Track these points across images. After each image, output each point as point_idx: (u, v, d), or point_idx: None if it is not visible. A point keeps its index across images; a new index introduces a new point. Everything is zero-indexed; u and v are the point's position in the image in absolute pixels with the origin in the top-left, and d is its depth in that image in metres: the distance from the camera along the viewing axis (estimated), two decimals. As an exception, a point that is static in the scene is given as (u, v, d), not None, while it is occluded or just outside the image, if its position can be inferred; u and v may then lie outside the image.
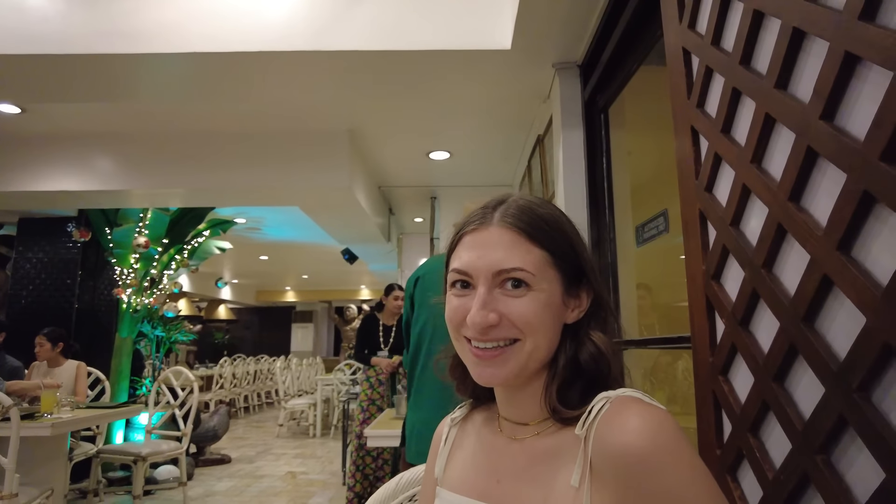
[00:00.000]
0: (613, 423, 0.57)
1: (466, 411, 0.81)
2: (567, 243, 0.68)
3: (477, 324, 0.63)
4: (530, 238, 0.65)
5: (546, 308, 0.64)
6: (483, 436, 0.75)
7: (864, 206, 0.70)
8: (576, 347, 0.67)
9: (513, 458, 0.68)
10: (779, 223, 0.87)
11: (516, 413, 0.70)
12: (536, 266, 0.64)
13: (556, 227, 0.67)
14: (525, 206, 0.68)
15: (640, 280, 2.27)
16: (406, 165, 4.63)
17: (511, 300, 0.64)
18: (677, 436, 0.55)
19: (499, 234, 0.65)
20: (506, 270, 0.64)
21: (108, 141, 3.88)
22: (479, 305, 0.64)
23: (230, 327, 15.61)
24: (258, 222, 7.21)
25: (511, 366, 0.65)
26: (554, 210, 0.71)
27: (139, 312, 5.17)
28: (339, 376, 7.33)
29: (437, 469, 0.78)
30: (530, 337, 0.64)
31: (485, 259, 0.65)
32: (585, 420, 0.60)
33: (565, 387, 0.66)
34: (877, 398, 0.69)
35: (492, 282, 0.65)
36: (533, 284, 0.64)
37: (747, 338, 0.96)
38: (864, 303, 0.69)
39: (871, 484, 0.69)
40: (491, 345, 0.65)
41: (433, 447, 0.83)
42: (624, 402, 0.59)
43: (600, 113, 2.45)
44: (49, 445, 3.22)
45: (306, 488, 4.66)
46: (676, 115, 1.28)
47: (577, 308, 0.68)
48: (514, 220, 0.66)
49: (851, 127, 0.74)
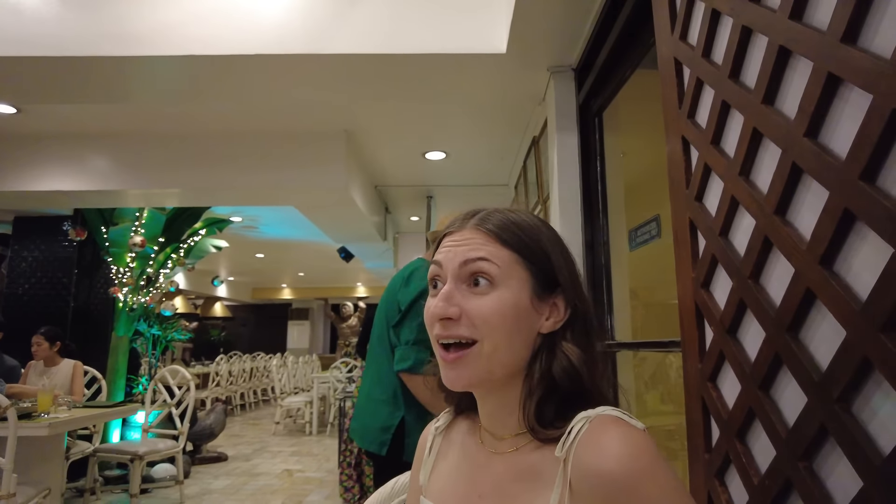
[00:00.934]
0: (592, 446, 0.57)
1: (450, 418, 0.82)
2: (540, 248, 0.68)
3: (434, 314, 0.65)
4: (500, 239, 0.66)
5: (510, 309, 0.64)
6: (466, 447, 0.75)
7: (844, 222, 0.72)
8: (550, 359, 0.66)
9: (494, 473, 0.68)
10: (765, 235, 0.89)
11: (495, 425, 0.70)
12: (503, 261, 0.65)
13: (529, 233, 0.68)
14: (501, 213, 0.70)
15: (633, 283, 2.30)
16: (402, 166, 4.64)
17: (474, 297, 0.65)
18: (656, 459, 0.56)
19: (467, 234, 0.68)
20: (471, 260, 0.65)
21: (104, 141, 3.88)
22: (441, 297, 0.65)
23: (226, 325, 15.62)
24: (254, 221, 7.21)
25: (473, 369, 0.64)
26: (533, 220, 0.71)
27: (135, 311, 5.18)
28: (335, 374, 7.35)
29: (422, 478, 0.79)
30: (488, 338, 0.64)
31: (454, 252, 0.67)
32: (565, 441, 0.60)
33: (543, 401, 0.65)
34: (856, 409, 0.71)
35: (458, 274, 0.66)
36: (498, 281, 0.64)
37: (735, 346, 0.99)
38: (845, 317, 0.71)
39: (850, 491, 0.72)
40: (452, 341, 0.65)
41: (418, 454, 0.84)
42: (603, 423, 0.59)
43: (595, 116, 2.47)
44: (46, 445, 3.23)
45: (303, 486, 4.69)
46: (668, 125, 1.30)
47: (554, 317, 0.68)
48: (485, 223, 0.68)
49: (834, 145, 0.76)
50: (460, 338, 0.64)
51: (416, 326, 1.96)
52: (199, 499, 4.31)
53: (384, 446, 1.96)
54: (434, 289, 0.69)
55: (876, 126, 0.66)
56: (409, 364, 1.93)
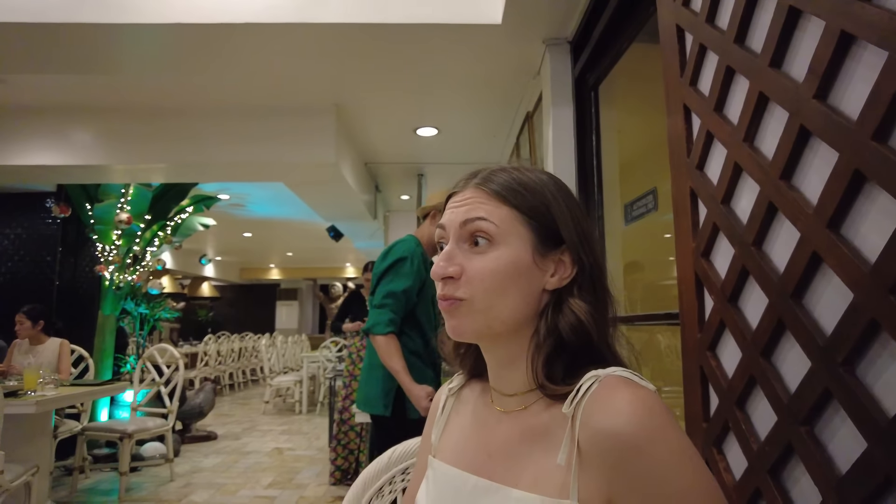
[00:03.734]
0: (601, 406, 0.57)
1: (464, 381, 0.81)
2: (542, 204, 0.67)
3: (435, 273, 0.65)
4: (499, 197, 0.66)
5: (508, 266, 0.64)
6: (477, 408, 0.75)
7: (854, 184, 0.71)
8: (557, 315, 0.65)
9: (503, 432, 0.67)
10: (770, 201, 0.88)
11: (504, 383, 0.70)
12: (502, 220, 0.65)
13: (531, 189, 0.67)
14: (505, 172, 0.69)
15: (627, 258, 2.29)
16: (393, 142, 4.59)
17: (474, 256, 0.65)
18: (666, 420, 0.55)
19: (469, 193, 0.68)
20: (470, 220, 0.65)
21: (88, 114, 3.79)
22: (442, 257, 0.66)
23: (214, 305, 15.53)
24: (242, 199, 7.13)
25: (469, 321, 0.65)
26: (539, 176, 0.70)
27: (122, 289, 5.11)
28: (324, 353, 7.35)
29: (434, 438, 0.79)
30: (481, 296, 0.64)
31: (455, 213, 0.67)
32: (573, 399, 0.59)
33: (551, 358, 0.65)
34: (861, 372, 0.71)
35: (459, 234, 0.66)
36: (497, 239, 0.64)
37: (736, 314, 0.98)
38: (852, 279, 0.71)
39: (852, 454, 0.72)
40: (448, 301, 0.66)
41: (430, 415, 0.84)
42: (613, 382, 0.58)
43: (590, 90, 2.44)
44: (33, 423, 3.20)
45: (293, 464, 4.70)
46: (669, 93, 1.28)
47: (559, 273, 0.67)
48: (486, 183, 0.68)
49: (845, 106, 0.74)
50: (454, 298, 0.65)
51: (383, 292, 2.10)
52: (190, 477, 4.31)
53: (388, 408, 2.10)
54: (440, 251, 0.69)
55: (890, 84, 0.65)
56: (368, 325, 2.09)
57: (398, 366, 2.02)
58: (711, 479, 0.55)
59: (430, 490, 0.73)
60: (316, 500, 3.71)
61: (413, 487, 0.83)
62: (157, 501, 3.69)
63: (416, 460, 0.87)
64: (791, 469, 0.84)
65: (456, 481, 0.68)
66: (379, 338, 2.06)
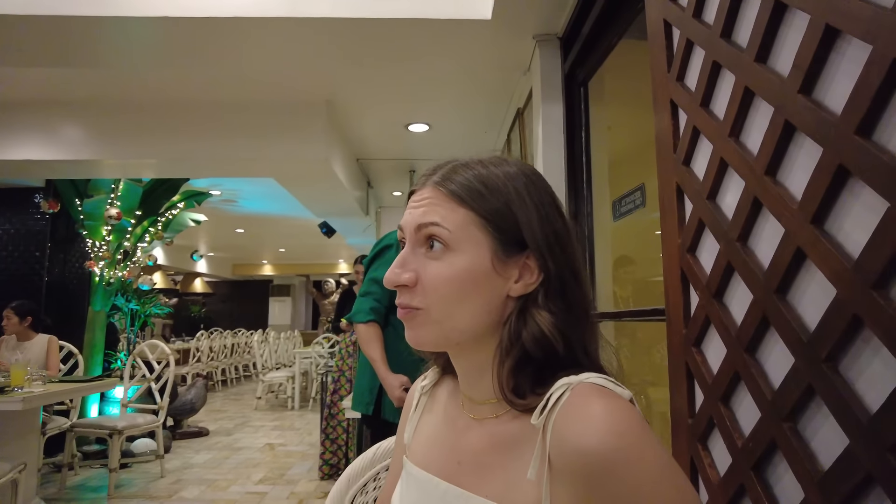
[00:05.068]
0: (573, 419, 0.53)
1: (436, 378, 0.79)
2: (504, 205, 0.61)
3: (389, 280, 0.62)
4: (455, 197, 0.62)
5: (463, 274, 0.60)
6: (448, 410, 0.72)
7: (838, 179, 0.71)
8: (520, 325, 0.61)
9: (474, 440, 0.65)
10: (755, 196, 0.88)
11: (473, 391, 0.67)
12: (456, 225, 0.61)
13: (493, 189, 0.62)
14: (467, 168, 0.64)
15: (616, 254, 2.29)
16: (385, 138, 4.57)
17: (429, 262, 0.62)
18: (641, 436, 0.51)
19: (426, 193, 0.64)
20: (424, 225, 0.62)
21: (77, 109, 3.74)
22: (396, 263, 0.63)
23: (206, 301, 15.47)
24: (234, 194, 7.09)
25: (426, 331, 0.62)
26: (507, 170, 0.64)
27: (112, 285, 5.08)
28: (317, 349, 7.33)
29: (407, 436, 0.77)
30: (436, 306, 0.60)
31: (412, 215, 0.64)
32: (543, 409, 0.56)
33: (516, 370, 0.60)
34: (843, 368, 0.71)
35: (415, 239, 0.63)
36: (452, 245, 0.60)
37: (721, 310, 0.98)
38: (836, 275, 0.70)
39: (834, 450, 0.72)
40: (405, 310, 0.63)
41: (404, 412, 0.82)
42: (586, 392, 0.54)
43: (580, 86, 2.44)
44: (21, 420, 3.17)
45: (285, 459, 4.69)
46: (656, 89, 1.27)
47: (525, 280, 0.62)
48: (443, 181, 0.63)
49: (829, 101, 0.74)
50: (410, 307, 0.62)
51: (368, 280, 2.15)
52: (181, 473, 4.29)
53: (370, 406, 2.09)
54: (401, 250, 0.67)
55: (875, 78, 0.65)
56: (351, 313, 2.12)
57: (376, 354, 2.00)
58: (691, 494, 0.51)
59: (404, 492, 0.71)
60: (307, 496, 3.70)
61: (388, 486, 0.81)
62: (147, 498, 3.67)
63: (392, 458, 0.86)
64: (775, 465, 0.84)
65: (427, 485, 0.66)
66: (359, 326, 2.05)
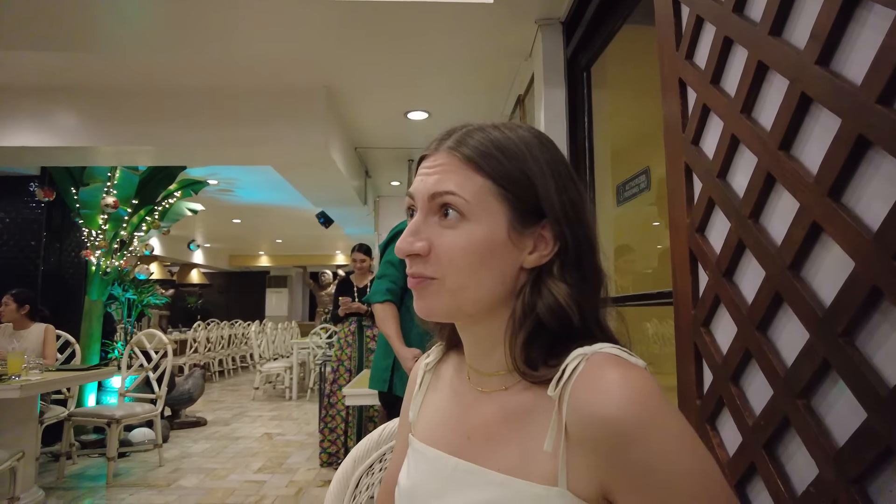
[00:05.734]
0: (590, 388, 0.52)
1: (440, 354, 0.77)
2: (522, 173, 0.60)
3: (401, 249, 0.60)
4: (472, 164, 0.59)
5: (479, 245, 0.58)
6: (454, 385, 0.71)
7: (857, 150, 0.69)
8: (535, 296, 0.60)
9: (483, 413, 0.63)
10: (768, 172, 0.87)
11: (479, 361, 0.65)
12: (473, 193, 0.58)
13: (510, 154, 0.60)
14: (482, 132, 0.62)
15: (618, 240, 2.28)
16: (383, 126, 4.54)
17: (443, 231, 0.59)
18: (660, 402, 0.51)
19: (443, 159, 0.61)
20: (438, 194, 0.59)
21: (72, 94, 3.69)
22: (408, 232, 0.60)
23: (203, 292, 15.43)
24: (230, 183, 7.05)
25: (438, 301, 0.60)
26: (522, 135, 0.62)
27: (109, 275, 5.05)
28: (315, 340, 7.33)
29: (412, 414, 0.75)
30: (451, 276, 0.59)
31: (424, 182, 0.61)
32: (559, 380, 0.55)
33: (530, 341, 0.59)
34: (861, 342, 0.70)
35: (428, 207, 0.61)
36: (468, 214, 0.58)
37: (731, 289, 0.97)
38: (854, 248, 0.69)
39: (849, 425, 0.71)
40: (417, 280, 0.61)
41: (408, 390, 0.80)
42: (602, 361, 0.54)
43: (583, 71, 2.42)
44: (18, 408, 3.16)
45: (283, 449, 4.69)
46: (664, 68, 1.26)
47: (539, 251, 0.60)
48: (458, 145, 0.61)
49: (848, 71, 0.72)
50: (423, 276, 0.60)
51: (382, 263, 2.28)
52: (179, 462, 4.29)
53: (385, 383, 2.25)
54: (410, 219, 0.64)
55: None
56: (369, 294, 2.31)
57: (391, 331, 2.15)
58: (710, 460, 0.51)
59: (411, 470, 0.69)
60: (306, 484, 3.70)
61: (394, 465, 0.80)
62: (146, 486, 3.67)
63: (396, 437, 0.84)
64: (787, 443, 0.83)
65: (436, 462, 0.65)
66: (376, 305, 2.20)
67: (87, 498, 3.47)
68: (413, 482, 0.67)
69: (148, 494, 3.51)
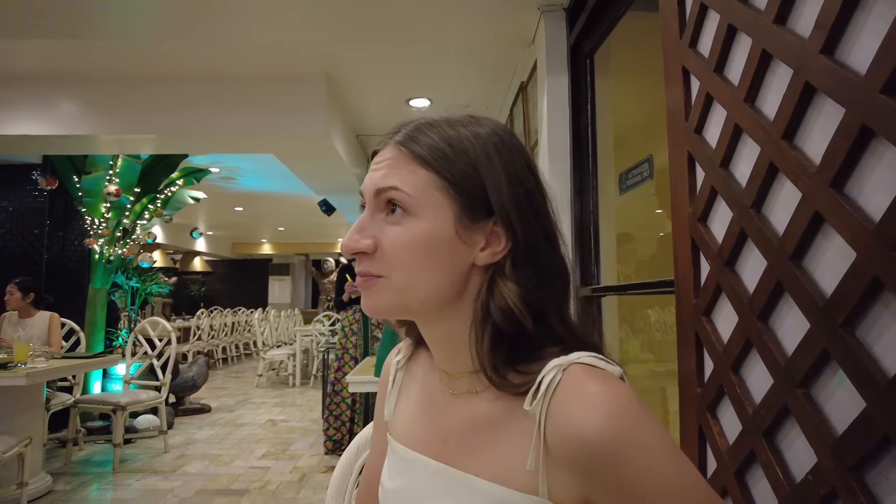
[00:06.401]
0: (569, 407, 0.51)
1: (409, 352, 0.76)
2: (470, 167, 0.57)
3: (345, 247, 0.59)
4: (418, 158, 0.58)
5: (425, 241, 0.56)
6: (426, 385, 0.70)
7: (861, 140, 0.69)
8: (487, 297, 0.58)
9: (456, 417, 0.62)
10: (771, 162, 0.87)
11: (447, 364, 0.64)
12: (417, 188, 0.57)
13: (458, 149, 0.58)
14: (432, 127, 0.60)
15: (620, 228, 2.28)
16: (385, 113, 4.52)
17: (388, 227, 0.58)
18: (639, 418, 0.50)
19: (388, 153, 0.60)
20: (383, 189, 0.58)
21: (73, 82, 3.68)
22: (354, 229, 0.59)
23: (206, 280, 15.47)
24: (233, 172, 7.04)
25: (384, 299, 0.58)
26: (475, 130, 0.60)
27: (112, 263, 5.06)
28: (317, 327, 7.36)
29: (387, 412, 0.74)
30: (396, 273, 0.57)
31: (371, 178, 0.60)
32: (535, 394, 0.53)
33: (495, 343, 0.57)
34: (861, 332, 0.70)
35: (375, 204, 0.59)
36: (411, 209, 0.57)
37: (733, 278, 0.97)
38: (856, 238, 0.69)
39: (848, 414, 0.72)
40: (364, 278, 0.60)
41: (381, 388, 0.79)
42: (579, 375, 0.52)
43: (586, 59, 2.40)
44: (25, 395, 3.19)
45: (287, 435, 4.73)
46: (667, 56, 1.25)
47: (492, 247, 0.58)
48: (405, 139, 0.59)
49: (852, 61, 0.72)
50: (370, 275, 0.58)
51: None
52: (184, 448, 4.33)
53: None
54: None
55: (902, 34, 0.63)
56: None
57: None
58: (693, 471, 0.51)
59: (393, 472, 0.69)
60: (309, 470, 3.74)
61: (373, 463, 0.79)
62: (152, 472, 3.71)
63: (372, 436, 0.83)
64: (786, 431, 0.84)
65: (416, 465, 0.64)
66: None
67: (95, 483, 3.51)
68: (396, 485, 0.67)
69: (154, 480, 3.55)
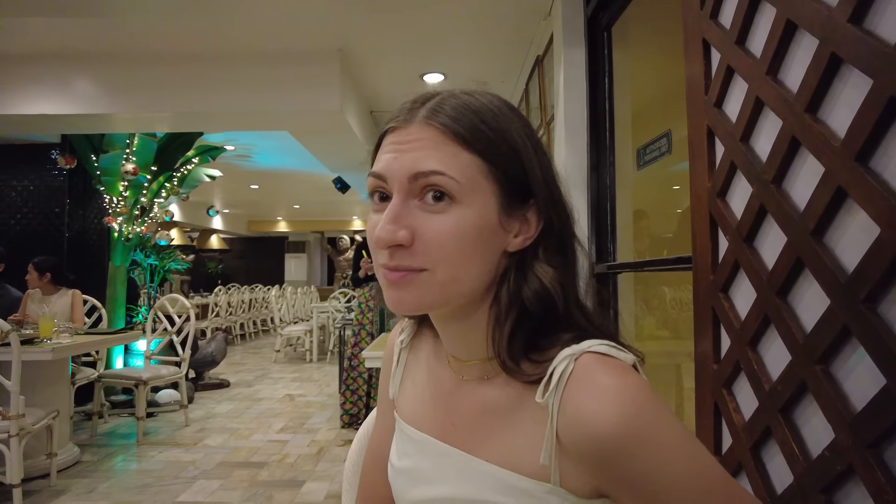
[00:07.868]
0: (582, 400, 0.49)
1: (413, 331, 0.74)
2: (511, 148, 0.54)
3: (382, 240, 0.52)
4: (459, 138, 0.52)
5: (473, 230, 0.52)
6: (433, 368, 0.68)
7: (888, 113, 0.67)
8: (520, 281, 0.56)
9: (465, 402, 0.61)
10: (793, 136, 0.85)
11: (458, 350, 0.62)
12: (464, 173, 0.52)
13: (497, 127, 0.54)
14: (460, 99, 0.55)
15: (637, 204, 2.26)
16: (399, 89, 4.48)
17: (429, 216, 0.52)
18: (653, 410, 0.48)
19: (421, 132, 0.53)
20: (423, 174, 0.52)
21: (90, 61, 3.69)
22: (388, 219, 0.52)
23: (223, 257, 15.65)
24: (248, 149, 7.06)
25: (420, 294, 0.53)
26: (501, 106, 0.57)
27: (131, 241, 5.14)
28: (334, 304, 7.44)
29: (392, 391, 0.73)
30: (442, 266, 0.52)
31: (400, 160, 0.53)
32: (547, 386, 0.52)
33: (515, 329, 0.55)
34: (883, 309, 0.69)
35: (408, 190, 0.53)
36: (458, 197, 0.52)
37: (751, 254, 0.96)
38: (880, 213, 0.68)
39: (868, 391, 0.71)
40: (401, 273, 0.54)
41: (384, 366, 0.77)
42: (591, 365, 0.51)
43: (603, 31, 2.35)
44: (51, 370, 3.28)
45: (304, 409, 4.82)
46: (687, 28, 1.22)
47: (523, 233, 0.56)
48: (441, 117, 0.53)
49: (882, 30, 0.70)
50: (410, 269, 0.53)
51: None
52: (204, 422, 4.43)
53: None
54: (378, 202, 0.56)
55: (934, 1, 0.61)
56: None
57: None
58: (709, 459, 0.50)
59: (401, 451, 0.68)
60: (327, 444, 3.81)
61: (377, 437, 0.79)
62: (174, 445, 3.81)
63: (377, 412, 0.82)
64: (804, 408, 0.84)
65: (425, 446, 0.63)
66: None
67: (120, 454, 3.62)
68: (405, 464, 0.66)
69: (176, 452, 3.65)
